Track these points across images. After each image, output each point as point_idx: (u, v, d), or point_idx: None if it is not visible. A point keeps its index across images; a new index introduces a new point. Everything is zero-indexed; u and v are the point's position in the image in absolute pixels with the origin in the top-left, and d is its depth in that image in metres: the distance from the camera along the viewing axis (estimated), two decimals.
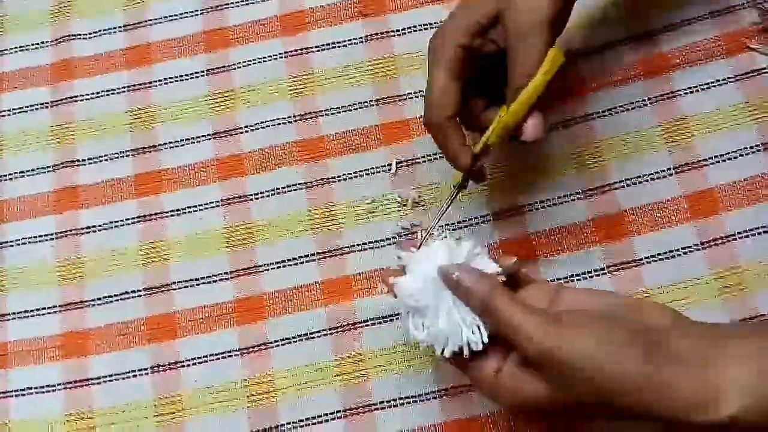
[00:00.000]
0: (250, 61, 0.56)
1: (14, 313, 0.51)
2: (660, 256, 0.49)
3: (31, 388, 0.50)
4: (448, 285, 0.37)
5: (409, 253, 0.40)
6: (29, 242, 0.53)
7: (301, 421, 0.48)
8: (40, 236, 0.53)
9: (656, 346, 0.33)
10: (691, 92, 0.52)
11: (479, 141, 0.43)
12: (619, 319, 0.35)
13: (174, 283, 0.51)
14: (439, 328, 0.37)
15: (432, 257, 0.38)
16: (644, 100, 0.52)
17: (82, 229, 0.53)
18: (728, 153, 0.51)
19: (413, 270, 0.39)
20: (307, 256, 0.51)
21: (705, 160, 0.51)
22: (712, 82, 0.52)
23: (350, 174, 0.53)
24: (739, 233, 0.49)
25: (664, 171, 0.51)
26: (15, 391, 0.50)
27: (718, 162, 0.50)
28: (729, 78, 0.52)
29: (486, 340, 0.37)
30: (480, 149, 0.43)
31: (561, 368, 0.33)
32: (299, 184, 0.53)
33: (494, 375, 0.37)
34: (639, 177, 0.51)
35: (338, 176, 0.53)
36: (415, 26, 0.55)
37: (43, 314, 0.51)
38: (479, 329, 0.37)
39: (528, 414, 0.47)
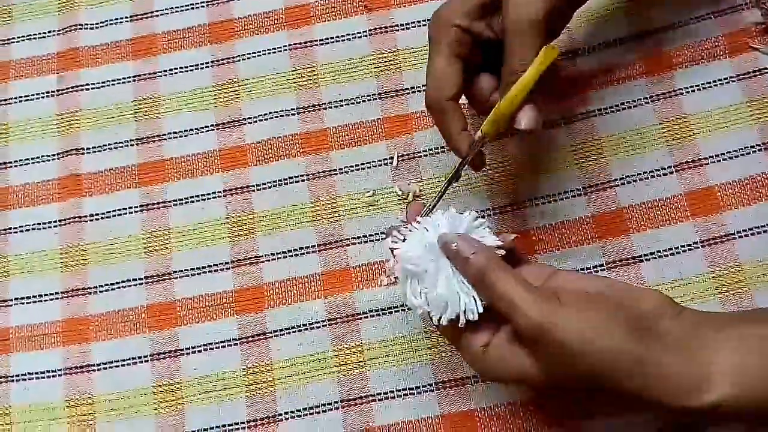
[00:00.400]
0: (255, 53, 0.56)
1: (17, 299, 0.52)
2: (659, 254, 0.49)
3: (32, 374, 0.50)
4: (447, 254, 0.38)
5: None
6: (33, 229, 0.53)
7: (299, 411, 0.48)
8: (43, 223, 0.53)
9: (648, 330, 0.34)
10: (693, 91, 0.52)
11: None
12: (613, 303, 0.35)
13: (175, 271, 0.52)
14: (437, 294, 0.37)
15: (433, 226, 0.39)
16: (646, 99, 0.52)
17: (86, 216, 0.53)
18: (729, 152, 0.51)
19: (414, 236, 0.39)
20: (307, 247, 0.51)
21: (706, 158, 0.51)
22: (714, 82, 0.52)
23: (352, 167, 0.53)
24: (738, 232, 0.49)
25: (664, 169, 0.51)
26: (16, 376, 0.50)
27: (719, 161, 0.51)
28: (731, 77, 0.52)
29: (481, 309, 0.37)
30: (477, 136, 0.43)
31: (553, 346, 0.34)
32: (301, 175, 0.53)
33: (483, 348, 0.37)
34: (639, 175, 0.51)
35: (340, 168, 0.53)
36: (418, 21, 0.55)
37: (46, 300, 0.52)
38: (475, 299, 0.37)
39: (523, 403, 0.47)
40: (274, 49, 0.56)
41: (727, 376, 0.32)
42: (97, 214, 0.53)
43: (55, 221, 0.53)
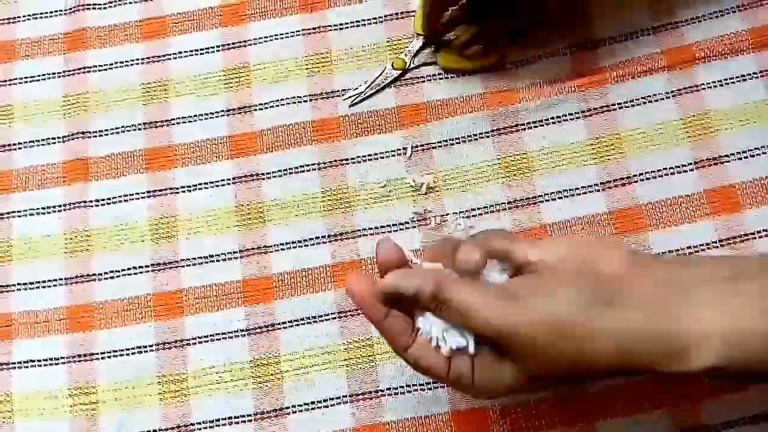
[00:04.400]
0: (267, 37, 0.55)
1: (20, 284, 0.51)
2: (678, 252, 0.48)
3: (34, 361, 0.49)
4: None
5: None
6: (37, 213, 0.52)
7: (307, 404, 0.47)
8: (48, 207, 0.52)
9: (619, 296, 0.32)
10: (715, 86, 0.51)
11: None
12: (574, 273, 0.33)
13: (182, 260, 0.51)
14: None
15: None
16: (666, 93, 0.51)
17: (91, 201, 0.52)
18: (751, 149, 0.50)
19: None
20: (317, 238, 0.50)
21: (727, 156, 0.50)
22: (737, 77, 0.51)
23: (364, 156, 0.52)
24: (758, 231, 0.48)
25: (684, 166, 0.50)
26: (18, 363, 0.49)
27: (740, 158, 0.50)
28: (755, 73, 0.51)
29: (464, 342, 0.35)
30: None
31: (524, 343, 0.32)
32: (312, 164, 0.52)
33: (470, 377, 0.35)
34: (659, 171, 0.50)
35: (352, 158, 0.52)
36: None
37: (49, 286, 0.51)
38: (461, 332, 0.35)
39: (536, 402, 0.46)
40: (287, 33, 0.55)
41: (719, 336, 0.30)
42: (102, 199, 0.52)
43: (59, 206, 0.52)
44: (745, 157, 0.49)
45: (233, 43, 0.55)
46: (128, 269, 0.51)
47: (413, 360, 0.36)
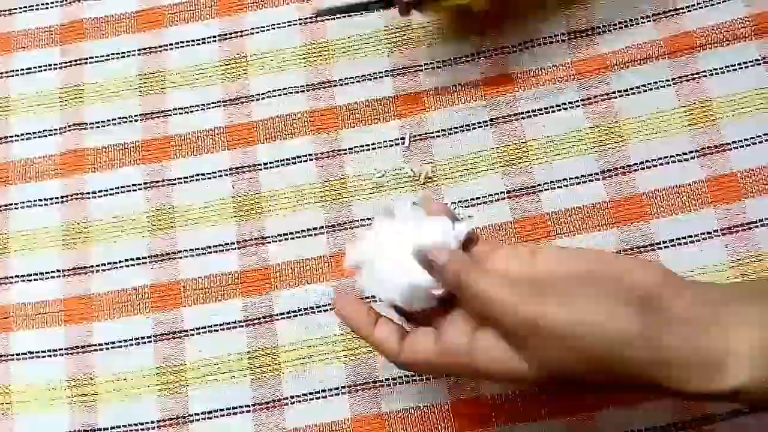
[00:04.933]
0: (264, 27, 0.54)
1: (17, 276, 0.51)
2: (678, 241, 0.48)
3: (32, 353, 0.49)
4: (423, 266, 0.36)
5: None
6: (34, 205, 0.52)
7: (305, 395, 0.47)
8: (45, 199, 0.52)
9: (649, 306, 0.31)
10: (717, 74, 0.50)
11: None
12: (606, 280, 0.32)
13: (180, 251, 0.50)
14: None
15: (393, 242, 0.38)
16: (668, 80, 0.51)
17: (88, 193, 0.52)
18: (753, 137, 0.49)
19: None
20: (315, 228, 0.50)
21: (728, 144, 0.49)
22: (739, 64, 0.50)
23: (362, 146, 0.51)
24: (761, 220, 0.47)
25: (686, 154, 0.49)
26: (16, 355, 0.49)
27: (743, 146, 0.49)
28: (757, 60, 0.50)
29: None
30: None
31: (545, 337, 0.31)
32: (310, 155, 0.51)
33: (468, 357, 0.34)
34: (660, 159, 0.49)
35: (350, 148, 0.51)
36: None
37: (47, 278, 0.50)
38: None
39: (536, 392, 0.46)
40: (284, 23, 0.54)
41: (753, 357, 0.29)
42: (99, 191, 0.52)
43: (56, 198, 0.52)
44: (747, 145, 0.49)
45: (230, 34, 0.55)
46: (126, 261, 0.50)
47: (407, 363, 0.37)
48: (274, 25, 0.54)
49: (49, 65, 0.55)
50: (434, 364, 0.36)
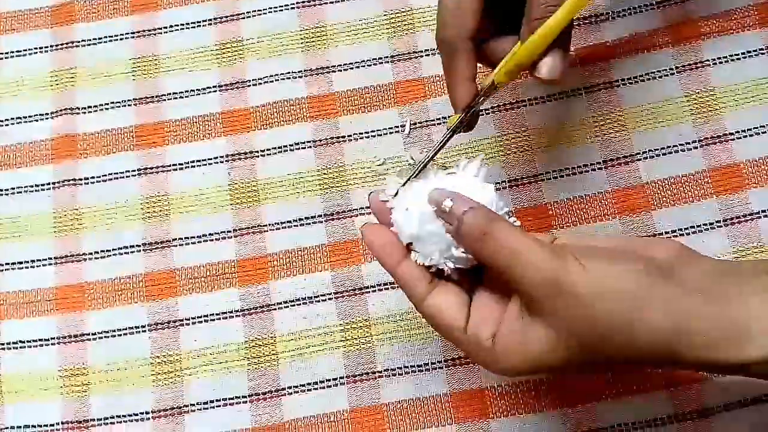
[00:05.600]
0: (261, 10, 0.53)
1: (8, 264, 0.49)
2: (680, 232, 0.47)
3: (24, 342, 0.48)
4: (439, 213, 0.34)
5: (398, 183, 0.37)
6: (25, 191, 0.51)
7: (303, 385, 0.46)
8: (36, 185, 0.51)
9: (669, 274, 0.30)
10: (721, 63, 0.50)
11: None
12: (629, 252, 0.32)
13: (174, 239, 0.49)
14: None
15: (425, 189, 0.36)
16: (671, 69, 0.50)
17: (80, 179, 0.51)
18: (756, 128, 0.48)
19: (407, 204, 0.36)
20: (314, 217, 0.49)
21: (732, 134, 0.49)
22: (744, 53, 0.50)
23: (361, 133, 0.50)
24: (764, 211, 0.47)
25: (688, 144, 0.49)
26: (7, 344, 0.48)
27: (746, 137, 0.48)
28: (761, 49, 0.50)
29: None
30: (487, 84, 0.38)
31: (568, 297, 0.30)
32: (308, 141, 0.51)
33: (491, 339, 0.33)
34: (662, 149, 0.49)
35: (349, 135, 0.50)
36: None
37: (38, 266, 0.49)
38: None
39: (536, 383, 0.45)
40: (282, 6, 0.53)
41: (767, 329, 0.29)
42: (92, 177, 0.51)
43: (48, 184, 0.51)
44: (751, 135, 0.48)
45: (226, 17, 0.53)
46: (119, 248, 0.49)
47: (430, 313, 0.35)
48: (272, 8, 0.53)
49: (40, 48, 0.54)
50: (450, 332, 0.34)
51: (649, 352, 0.30)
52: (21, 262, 0.49)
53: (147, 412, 0.47)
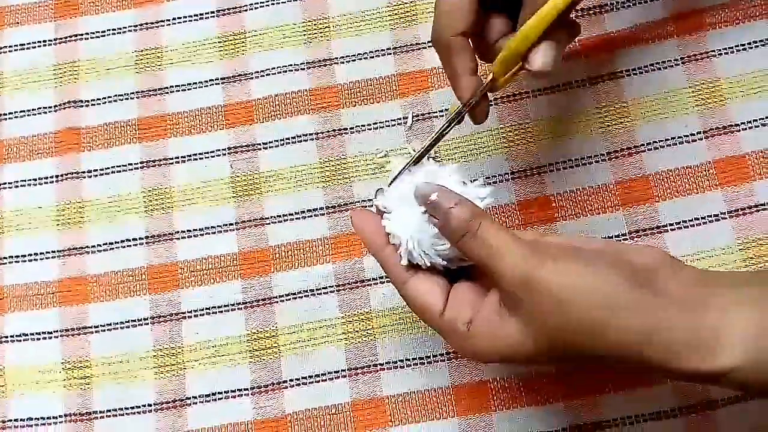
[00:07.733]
0: (263, 2, 0.53)
1: (11, 257, 0.50)
2: (685, 224, 0.47)
3: (27, 335, 0.48)
4: (425, 206, 0.35)
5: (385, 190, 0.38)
6: (28, 184, 0.51)
7: (305, 378, 0.46)
8: (39, 178, 0.51)
9: (647, 282, 0.31)
10: (726, 53, 0.49)
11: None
12: (607, 256, 0.32)
13: (177, 231, 0.49)
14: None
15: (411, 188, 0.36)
16: (676, 60, 0.50)
17: (84, 172, 0.51)
18: (762, 119, 0.48)
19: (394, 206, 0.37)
20: (315, 209, 0.49)
21: (737, 125, 0.48)
22: (750, 44, 0.49)
23: (363, 126, 0.50)
24: None
25: (693, 135, 0.48)
26: (11, 336, 0.48)
27: (751, 128, 0.48)
28: (766, 40, 0.49)
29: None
30: (485, 78, 0.38)
31: (541, 295, 0.31)
32: (310, 134, 0.50)
33: (467, 324, 0.34)
34: (667, 140, 0.48)
35: (351, 127, 0.50)
36: None
37: (41, 259, 0.49)
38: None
39: (537, 375, 0.45)
40: None
41: (747, 337, 0.29)
42: (95, 170, 0.51)
43: (51, 176, 0.51)
44: (756, 127, 0.48)
45: (228, 9, 0.53)
46: (122, 241, 0.49)
47: (410, 295, 0.36)
48: (273, 0, 0.53)
49: (44, 41, 0.54)
50: (427, 316, 0.35)
51: (618, 356, 0.30)
52: (24, 255, 0.50)
53: (149, 405, 0.47)
